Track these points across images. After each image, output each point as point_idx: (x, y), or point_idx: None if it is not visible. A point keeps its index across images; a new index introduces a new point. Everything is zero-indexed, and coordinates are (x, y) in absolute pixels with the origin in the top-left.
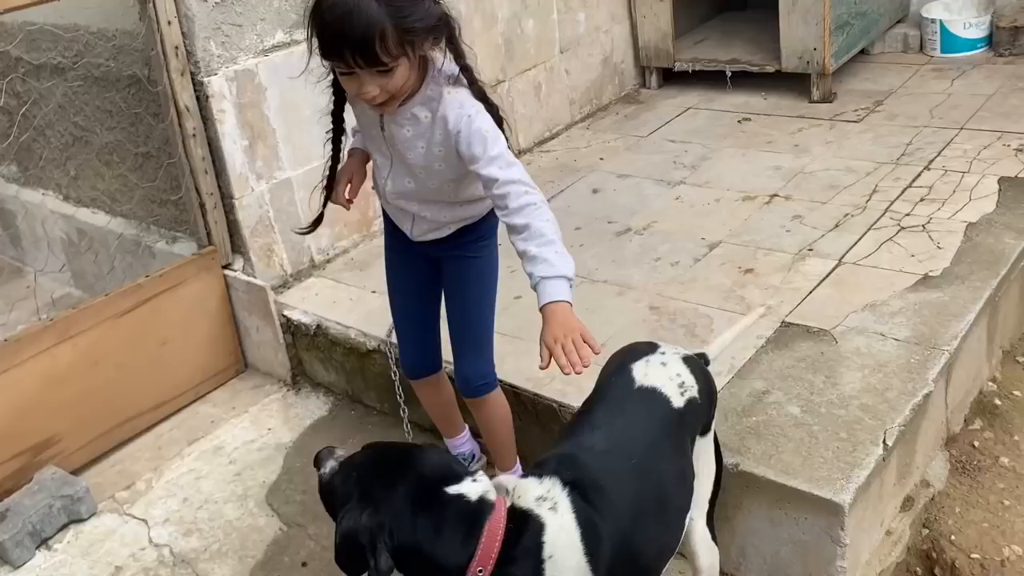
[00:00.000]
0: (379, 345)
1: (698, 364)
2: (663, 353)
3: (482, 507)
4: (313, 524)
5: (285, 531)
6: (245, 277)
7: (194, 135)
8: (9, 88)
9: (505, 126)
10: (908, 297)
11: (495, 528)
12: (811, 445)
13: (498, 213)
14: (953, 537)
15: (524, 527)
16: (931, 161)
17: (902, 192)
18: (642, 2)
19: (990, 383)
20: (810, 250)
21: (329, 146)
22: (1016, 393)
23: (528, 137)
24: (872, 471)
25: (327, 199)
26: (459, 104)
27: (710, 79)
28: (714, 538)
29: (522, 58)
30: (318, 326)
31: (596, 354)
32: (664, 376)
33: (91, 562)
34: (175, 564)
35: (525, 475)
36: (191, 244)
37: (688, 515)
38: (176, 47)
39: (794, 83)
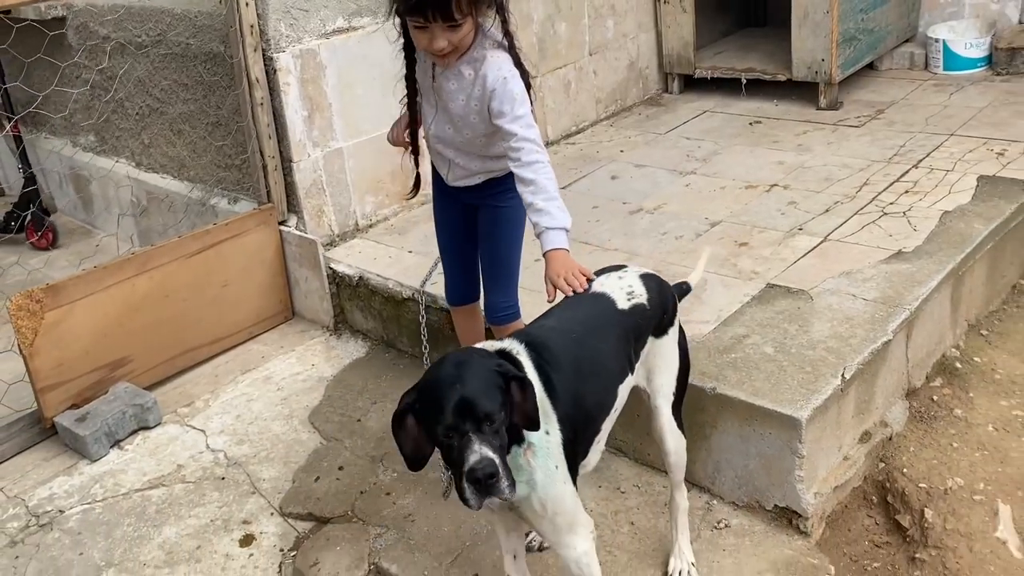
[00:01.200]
0: (413, 294)
1: (654, 281)
2: (624, 270)
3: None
4: (349, 439)
5: (325, 444)
6: (298, 232)
7: (262, 104)
8: (94, 64)
9: (532, 92)
10: (881, 267)
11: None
12: (779, 376)
13: (510, 164)
14: (905, 470)
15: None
16: (920, 161)
17: (889, 185)
18: (667, 13)
19: (953, 349)
20: (800, 229)
21: (405, 108)
22: (976, 359)
23: (556, 130)
24: (829, 397)
25: (416, 157)
26: (498, 67)
27: (727, 86)
28: (680, 428)
29: (554, 57)
30: (360, 277)
31: (590, 281)
32: (616, 286)
33: (157, 460)
34: (228, 465)
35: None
36: (251, 204)
37: (625, 385)
38: (252, 26)
39: (804, 91)
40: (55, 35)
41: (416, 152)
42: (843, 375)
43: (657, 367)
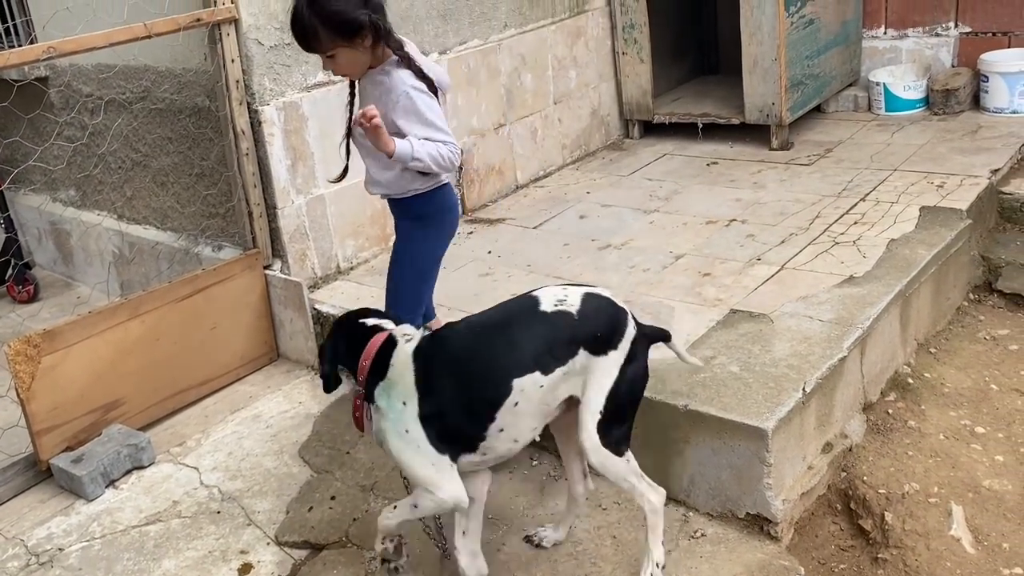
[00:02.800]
0: None
1: (599, 300)
2: (580, 287)
3: (374, 330)
4: (339, 470)
5: (316, 476)
6: (283, 276)
7: (247, 154)
8: (77, 121)
9: (441, 97)
10: (834, 291)
11: (376, 341)
12: (746, 392)
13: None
14: (865, 478)
15: (391, 346)
16: (867, 194)
17: (839, 217)
18: (626, 64)
19: (905, 366)
20: (758, 259)
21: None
22: (927, 375)
23: (525, 174)
24: (792, 409)
25: (348, 149)
26: (402, 81)
27: (684, 131)
28: (611, 448)
29: (521, 106)
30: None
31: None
32: (551, 293)
33: (152, 497)
34: (223, 500)
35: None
36: (235, 251)
37: (529, 380)
38: (237, 81)
39: (756, 133)
40: (37, 93)
41: (348, 148)
42: (804, 389)
43: (589, 383)
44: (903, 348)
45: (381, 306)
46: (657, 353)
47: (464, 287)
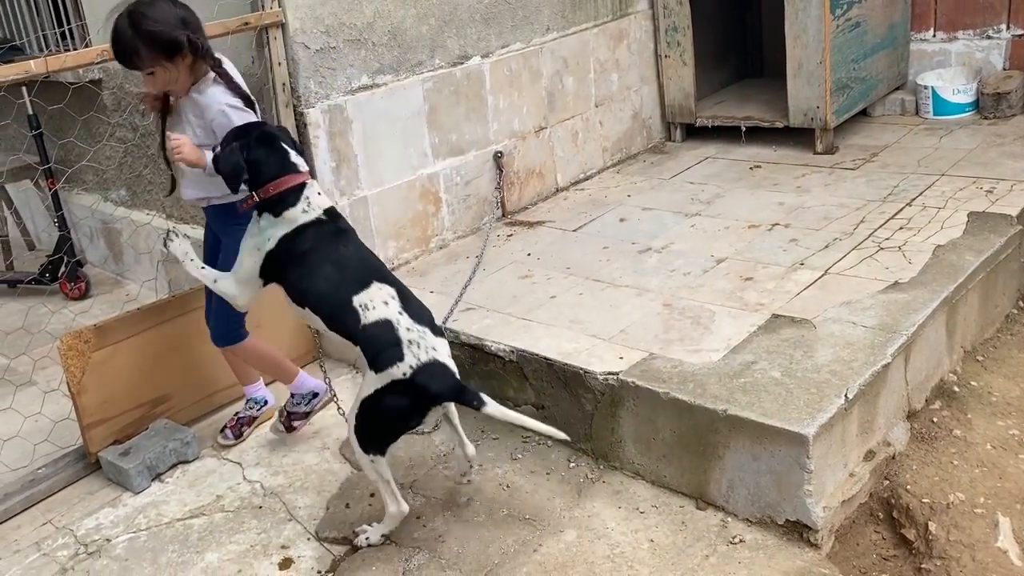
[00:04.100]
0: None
1: (384, 330)
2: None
3: (296, 164)
4: None
5: (355, 473)
6: None
7: None
8: (128, 123)
9: (256, 109)
10: (879, 297)
11: (292, 181)
12: (787, 397)
13: None
14: (909, 487)
15: (300, 193)
16: (913, 199)
17: (885, 222)
18: (668, 67)
19: (951, 374)
20: (801, 264)
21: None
22: (973, 383)
23: (565, 177)
24: (834, 415)
25: (167, 159)
26: (215, 99)
27: (727, 134)
28: (360, 445)
29: (562, 109)
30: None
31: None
32: (379, 293)
33: (196, 492)
34: (265, 495)
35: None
36: None
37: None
38: (283, 84)
39: (800, 137)
40: (91, 95)
41: (168, 161)
42: (846, 395)
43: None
44: (949, 356)
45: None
46: (697, 357)
47: (502, 289)
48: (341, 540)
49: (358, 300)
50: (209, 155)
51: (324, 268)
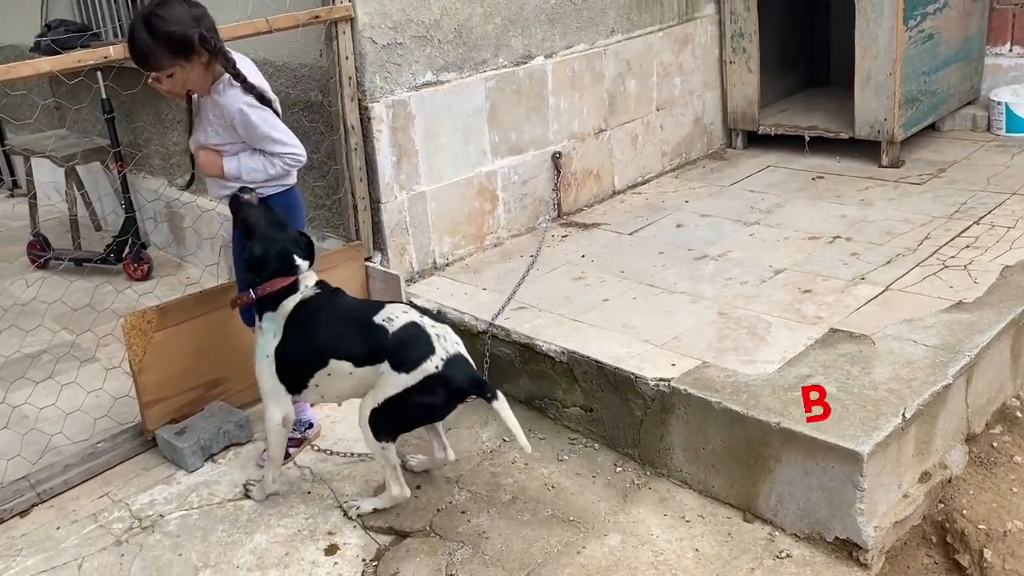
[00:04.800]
0: (487, 328)
1: (415, 331)
2: (414, 310)
3: (298, 267)
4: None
5: (403, 465)
6: (383, 268)
7: (356, 149)
8: None
9: (274, 105)
10: (941, 316)
11: (284, 283)
12: (842, 413)
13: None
14: (965, 511)
15: (292, 290)
16: (981, 217)
17: (951, 240)
18: (733, 73)
19: (1014, 399)
20: (862, 279)
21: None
22: None
23: (623, 180)
24: (890, 434)
25: (193, 158)
26: (233, 99)
27: (790, 143)
28: (372, 433)
29: (623, 112)
30: (438, 311)
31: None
32: (395, 309)
33: (248, 474)
34: (314, 481)
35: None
36: (338, 242)
37: (339, 364)
38: (350, 77)
39: (866, 149)
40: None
41: (192, 158)
42: (904, 415)
43: (379, 383)
44: (1013, 380)
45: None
46: (751, 368)
47: (555, 290)
48: (387, 530)
49: (379, 318)
50: (229, 161)
51: (335, 315)
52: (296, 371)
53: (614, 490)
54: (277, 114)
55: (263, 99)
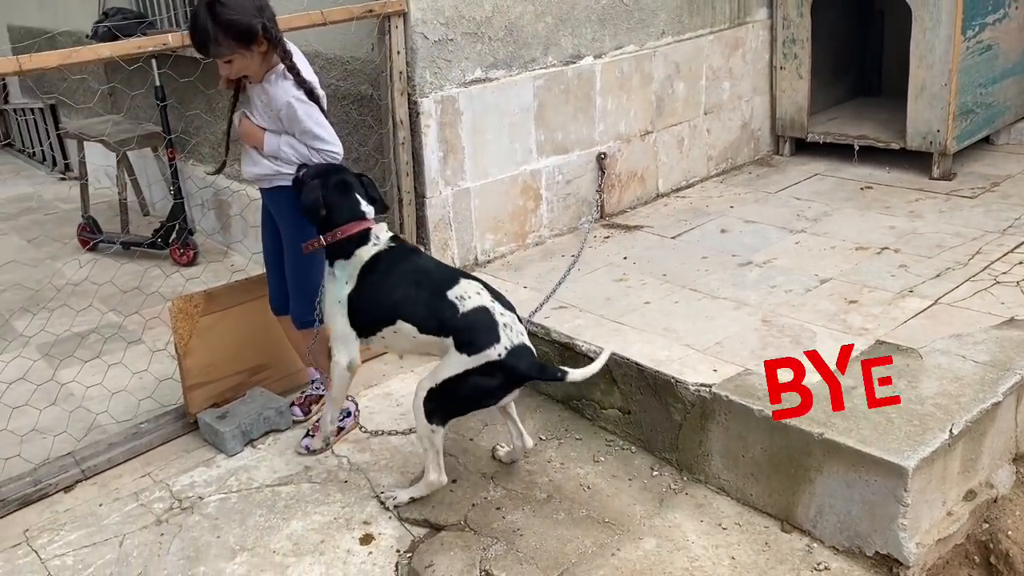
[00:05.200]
0: (526, 326)
1: (484, 316)
2: (486, 292)
3: (365, 212)
4: (462, 456)
5: None
6: None
7: (403, 143)
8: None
9: (322, 100)
10: (992, 332)
11: (357, 227)
12: (887, 427)
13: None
14: (1010, 532)
15: (364, 240)
16: None
17: (1003, 255)
18: (783, 79)
19: None
20: (910, 291)
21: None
22: None
23: (667, 183)
24: (936, 450)
25: (228, 143)
26: (283, 91)
27: (838, 152)
28: (425, 415)
29: (670, 114)
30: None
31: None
32: (469, 287)
33: (286, 460)
34: (351, 470)
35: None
36: None
37: (406, 326)
38: (400, 72)
39: (916, 160)
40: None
41: (227, 143)
42: (951, 431)
43: (442, 361)
44: None
45: (512, 300)
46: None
47: (596, 290)
48: (421, 522)
49: (452, 293)
50: (270, 137)
51: (410, 277)
52: (365, 321)
53: (650, 494)
54: (323, 110)
55: (312, 94)
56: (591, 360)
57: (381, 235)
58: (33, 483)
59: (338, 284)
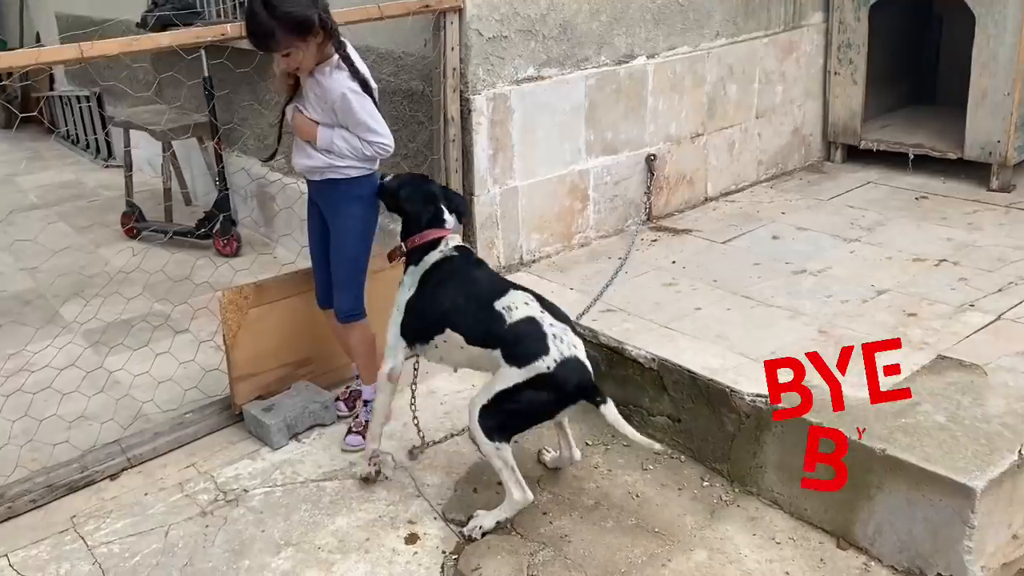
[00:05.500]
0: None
1: (531, 327)
2: (535, 303)
3: (445, 221)
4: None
5: (483, 459)
6: None
7: (453, 140)
8: None
9: (375, 93)
10: None
11: (432, 235)
12: (952, 445)
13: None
14: None
15: (434, 246)
16: None
17: None
18: (836, 84)
19: None
20: (971, 305)
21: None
22: None
23: (716, 187)
24: (1005, 471)
25: (280, 133)
26: (338, 83)
27: (891, 160)
28: (486, 434)
29: (721, 117)
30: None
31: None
32: (518, 297)
33: (331, 456)
34: (395, 468)
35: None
36: None
37: (451, 335)
38: (454, 69)
39: (974, 171)
40: (263, 63)
41: (279, 135)
42: (1021, 452)
43: (494, 376)
44: None
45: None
46: (853, 390)
47: (645, 294)
48: (467, 523)
49: (499, 304)
50: (323, 131)
51: (462, 287)
52: (419, 327)
53: (701, 504)
54: (375, 103)
55: (366, 86)
56: (641, 366)
57: (449, 243)
58: (80, 469)
59: (403, 291)
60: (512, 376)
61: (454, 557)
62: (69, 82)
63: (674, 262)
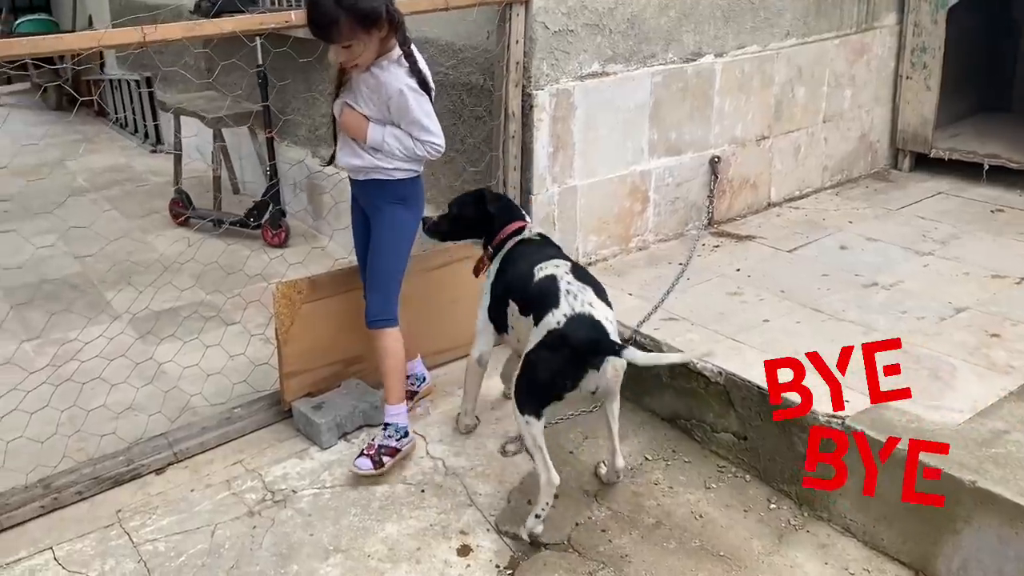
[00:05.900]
0: (632, 336)
1: (549, 284)
2: (570, 275)
3: (524, 215)
4: (562, 468)
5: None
6: None
7: (513, 136)
8: None
9: (431, 93)
10: None
11: (515, 227)
12: None
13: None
14: None
15: (515, 234)
16: None
17: None
18: (908, 89)
19: None
20: None
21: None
22: None
23: (779, 192)
24: None
25: (336, 132)
26: (396, 78)
27: (962, 170)
28: (518, 404)
29: (788, 120)
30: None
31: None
32: (554, 263)
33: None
34: (446, 474)
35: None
36: None
37: (511, 302)
38: (517, 63)
39: None
40: (318, 53)
41: (335, 133)
42: None
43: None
44: None
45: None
46: (936, 415)
47: (709, 303)
48: (521, 537)
49: (537, 268)
50: (374, 128)
51: (525, 259)
52: (497, 307)
53: (768, 528)
54: (432, 102)
55: (425, 85)
56: (706, 379)
57: (532, 230)
58: (126, 462)
59: (488, 275)
60: (535, 335)
61: (509, 572)
62: (119, 65)
63: (738, 270)
